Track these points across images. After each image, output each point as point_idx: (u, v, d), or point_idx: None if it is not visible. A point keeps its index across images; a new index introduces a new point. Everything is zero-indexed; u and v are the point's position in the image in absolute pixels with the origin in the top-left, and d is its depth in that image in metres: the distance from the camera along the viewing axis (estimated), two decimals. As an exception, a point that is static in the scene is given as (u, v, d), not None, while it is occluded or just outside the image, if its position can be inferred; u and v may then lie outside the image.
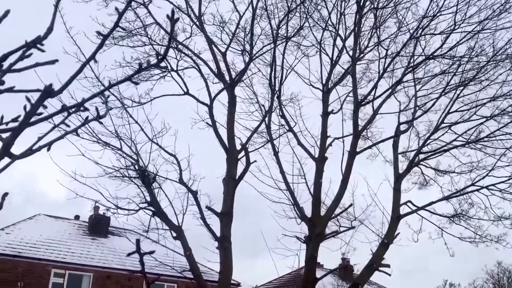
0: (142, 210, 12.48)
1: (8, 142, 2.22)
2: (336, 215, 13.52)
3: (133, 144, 12.76)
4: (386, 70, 14.89)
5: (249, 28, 14.14)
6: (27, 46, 2.27)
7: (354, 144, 14.09)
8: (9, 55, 2.19)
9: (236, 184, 12.76)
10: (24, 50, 2.27)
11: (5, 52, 2.17)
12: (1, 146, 2.22)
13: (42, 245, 21.88)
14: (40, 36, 2.28)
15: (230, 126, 13.40)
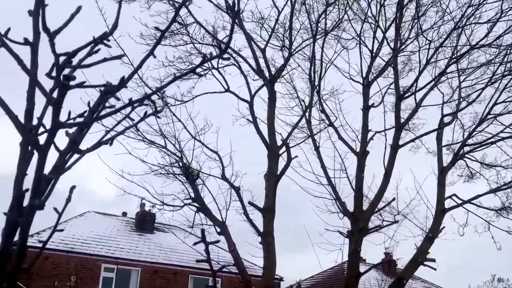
0: (186, 206, 12.78)
1: (74, 137, 2.27)
2: (379, 209, 13.42)
3: (176, 141, 13.08)
4: (429, 61, 14.61)
5: (288, 23, 14.18)
6: (94, 42, 2.31)
7: (396, 138, 13.92)
8: (78, 51, 2.25)
9: (277, 179, 12.85)
10: (92, 46, 2.32)
11: (75, 49, 2.23)
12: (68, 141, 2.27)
13: (93, 241, 22.64)
14: (106, 32, 2.33)
15: (270, 122, 13.48)
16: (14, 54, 2.18)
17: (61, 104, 2.19)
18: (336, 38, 14.96)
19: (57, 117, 2.19)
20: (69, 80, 2.16)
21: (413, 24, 14.91)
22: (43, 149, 2.23)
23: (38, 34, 2.25)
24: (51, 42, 2.19)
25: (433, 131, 14.47)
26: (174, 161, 13.18)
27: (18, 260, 2.29)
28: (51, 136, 2.23)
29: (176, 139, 13.07)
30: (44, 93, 2.21)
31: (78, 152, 2.32)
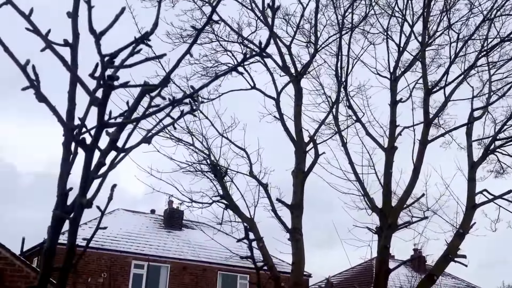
0: (215, 203, 12.89)
1: (114, 136, 2.30)
2: (408, 205, 13.31)
3: (204, 139, 13.18)
4: (458, 55, 14.39)
5: (314, 19, 14.14)
6: (136, 42, 2.33)
7: (425, 133, 13.77)
8: (120, 51, 2.28)
9: (305, 176, 12.85)
10: (134, 46, 2.34)
11: (117, 49, 2.26)
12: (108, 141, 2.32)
13: (122, 238, 23.02)
14: (147, 32, 2.36)
15: (297, 118, 13.48)
16: (59, 55, 2.23)
17: (106, 104, 2.24)
18: (362, 33, 14.87)
19: (102, 117, 2.24)
20: (113, 80, 2.20)
21: (441, 18, 14.72)
22: (90, 149, 2.28)
23: (77, 35, 2.30)
24: (97, 43, 2.23)
25: (462, 126, 14.26)
26: (202, 158, 13.30)
27: (68, 256, 2.38)
28: (97, 136, 2.28)
29: (204, 137, 13.19)
30: (88, 93, 2.25)
31: (117, 150, 2.36)
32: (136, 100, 2.42)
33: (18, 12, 2.16)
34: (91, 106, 2.32)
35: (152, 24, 2.42)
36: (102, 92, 2.22)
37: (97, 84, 2.26)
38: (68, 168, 2.37)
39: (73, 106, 2.35)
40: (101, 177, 2.35)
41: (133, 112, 2.42)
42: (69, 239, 2.37)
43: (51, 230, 2.36)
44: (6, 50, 2.18)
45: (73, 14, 2.30)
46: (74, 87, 2.35)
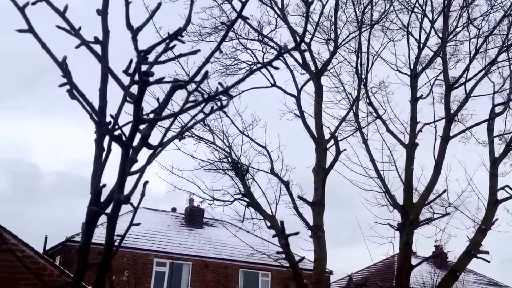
0: (237, 201, 13.00)
1: (145, 133, 2.30)
2: (430, 201, 13.30)
3: (225, 137, 13.30)
4: (479, 50, 14.32)
5: (333, 16, 14.17)
6: (169, 38, 2.33)
7: (446, 129, 13.73)
8: (154, 47, 2.28)
9: (326, 173, 12.90)
10: (167, 42, 2.34)
11: (150, 45, 2.26)
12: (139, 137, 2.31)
13: (144, 236, 23.30)
14: (180, 28, 2.34)
15: (317, 116, 13.53)
16: (93, 51, 2.26)
17: (141, 100, 2.24)
18: (382, 29, 14.86)
19: (138, 113, 2.23)
20: (149, 76, 2.20)
21: (461, 13, 14.64)
22: (126, 145, 2.28)
23: (107, 33, 2.31)
24: (134, 39, 2.23)
25: (484, 122, 14.17)
26: (223, 156, 13.42)
27: (107, 252, 2.40)
28: (133, 131, 2.26)
29: (225, 135, 13.31)
30: (123, 88, 2.27)
31: (149, 147, 2.36)
32: (167, 96, 2.43)
33: (53, 9, 2.18)
34: (125, 103, 2.34)
35: (185, 20, 2.41)
36: (138, 88, 2.23)
37: (131, 80, 2.28)
38: (101, 165, 2.41)
39: (105, 103, 2.37)
40: (138, 173, 2.37)
41: (163, 109, 2.44)
42: (107, 235, 2.38)
43: (85, 226, 2.39)
44: (44, 47, 2.21)
45: (102, 12, 2.32)
46: (105, 84, 2.37)
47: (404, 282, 12.81)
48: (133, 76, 2.28)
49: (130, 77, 2.29)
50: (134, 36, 2.26)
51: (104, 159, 2.45)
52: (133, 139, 2.31)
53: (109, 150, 2.43)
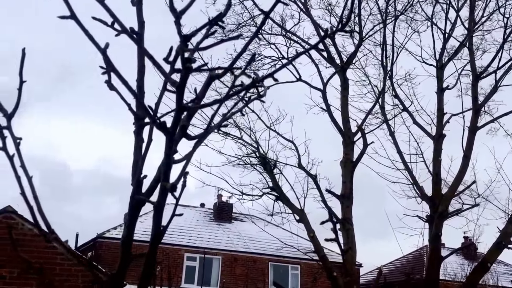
0: (265, 195, 13.17)
1: (184, 123, 2.25)
2: (459, 192, 13.23)
3: (252, 132, 13.46)
4: (507, 39, 14.12)
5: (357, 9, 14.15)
6: (210, 24, 2.24)
7: (474, 119, 13.62)
8: (195, 33, 2.19)
9: (354, 166, 12.96)
10: (208, 28, 2.26)
11: (192, 31, 2.17)
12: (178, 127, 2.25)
13: (174, 231, 23.68)
14: (221, 13, 2.24)
15: (344, 109, 13.58)
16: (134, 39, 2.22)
17: (184, 87, 2.17)
18: (406, 21, 14.78)
19: (181, 100, 2.16)
20: (192, 62, 2.13)
21: (487, 2, 14.46)
22: (171, 132, 2.21)
23: (143, 24, 2.28)
24: (177, 23, 2.15)
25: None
26: (251, 151, 13.60)
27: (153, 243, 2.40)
28: (177, 119, 2.20)
29: (251, 130, 13.47)
30: (165, 76, 2.22)
31: (188, 138, 2.31)
32: (204, 86, 2.37)
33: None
34: (165, 91, 2.32)
35: (226, 5, 2.31)
36: (181, 75, 2.16)
37: (171, 68, 2.24)
38: (142, 156, 2.40)
39: (142, 95, 2.36)
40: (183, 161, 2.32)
41: (202, 99, 2.38)
42: (154, 224, 2.36)
43: (128, 217, 2.38)
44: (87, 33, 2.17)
45: (137, 3, 2.29)
46: (142, 75, 2.36)
47: (434, 273, 12.81)
48: (173, 64, 2.23)
49: (171, 65, 2.24)
50: (178, 20, 2.16)
51: (145, 149, 2.44)
52: (177, 127, 2.24)
53: (150, 140, 2.42)
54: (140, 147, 2.45)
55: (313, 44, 2.57)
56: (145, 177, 2.40)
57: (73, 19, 2.14)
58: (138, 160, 2.44)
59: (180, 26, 2.15)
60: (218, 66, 2.42)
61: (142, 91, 2.39)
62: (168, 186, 2.26)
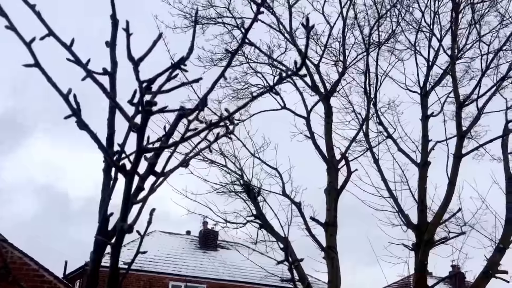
0: (249, 223, 13.01)
1: (152, 161, 2.32)
2: (445, 220, 13.12)
3: (236, 160, 13.39)
4: (489, 66, 14.25)
5: (341, 38, 14.28)
6: (172, 68, 2.35)
7: (459, 146, 13.61)
8: (157, 77, 2.30)
9: (338, 193, 12.87)
10: (170, 71, 2.36)
11: (154, 75, 2.29)
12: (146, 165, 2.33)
13: (160, 259, 23.32)
14: (183, 57, 2.36)
15: (328, 136, 13.56)
16: (99, 84, 2.30)
17: (145, 129, 2.25)
18: (390, 49, 14.91)
19: (141, 142, 2.25)
20: (152, 105, 2.22)
21: (470, 30, 14.64)
22: (130, 174, 2.28)
23: (116, 64, 2.35)
24: (135, 69, 2.26)
25: (497, 138, 14.02)
26: (235, 179, 13.49)
27: (111, 281, 2.40)
28: (136, 161, 2.27)
29: (236, 158, 13.40)
30: (127, 119, 2.31)
31: (156, 175, 2.37)
32: (172, 125, 2.45)
33: (61, 44, 2.22)
34: (130, 132, 2.37)
35: (188, 49, 2.42)
36: (141, 118, 2.25)
37: (136, 110, 2.31)
38: (108, 194, 2.43)
39: (113, 132, 2.41)
40: (141, 202, 2.36)
41: (170, 137, 2.45)
42: (111, 264, 2.38)
43: (93, 255, 2.42)
44: (50, 81, 2.24)
45: (111, 43, 2.35)
46: (113, 114, 2.42)
47: (421, 303, 12.61)
48: (137, 106, 2.30)
49: (135, 107, 2.31)
50: (136, 67, 2.28)
51: (111, 187, 2.47)
52: (137, 168, 2.31)
53: (115, 179, 2.45)
54: (108, 185, 2.48)
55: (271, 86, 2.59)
56: (111, 215, 2.43)
57: (37, 67, 2.22)
58: (105, 197, 2.46)
59: (138, 72, 2.26)
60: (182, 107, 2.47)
61: (112, 128, 2.43)
62: (125, 227, 2.30)
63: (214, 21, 14.58)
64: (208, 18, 14.51)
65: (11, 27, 2.16)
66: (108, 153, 2.38)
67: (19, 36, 2.17)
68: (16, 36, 2.17)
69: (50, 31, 2.21)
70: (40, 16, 2.17)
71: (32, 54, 2.19)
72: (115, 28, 2.32)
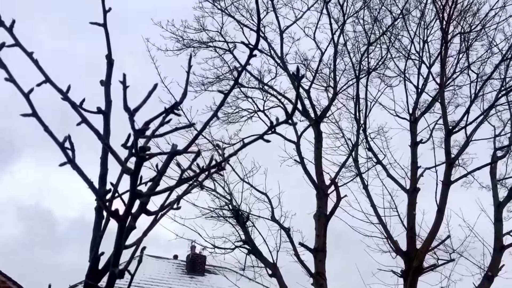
0: (237, 248, 12.87)
1: (144, 200, 2.35)
2: (433, 247, 13.07)
3: (226, 184, 13.30)
4: (478, 94, 14.41)
5: (332, 64, 14.40)
6: (166, 112, 2.40)
7: (448, 173, 13.65)
8: (150, 121, 2.35)
9: (327, 219, 12.81)
10: (164, 116, 2.41)
11: (147, 120, 2.34)
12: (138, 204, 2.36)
13: (146, 283, 22.91)
14: (177, 102, 2.44)
15: (317, 162, 13.55)
16: (94, 129, 2.32)
17: (138, 174, 2.27)
18: (379, 76, 15.06)
19: (135, 187, 2.26)
20: (145, 151, 2.25)
21: (458, 58, 14.84)
22: (123, 220, 2.29)
23: (110, 103, 2.39)
24: (131, 119, 2.30)
25: (485, 166, 14.10)
26: (224, 204, 13.38)
27: None
28: (130, 206, 2.29)
29: (225, 182, 13.32)
30: (120, 163, 2.33)
31: (148, 214, 2.41)
32: (164, 164, 2.49)
33: (57, 90, 2.26)
34: (123, 174, 2.38)
35: (182, 94, 2.49)
36: (135, 163, 2.27)
37: (129, 153, 2.33)
38: (100, 235, 2.43)
39: (105, 171, 2.43)
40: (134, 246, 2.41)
41: (162, 175, 2.48)
42: None
43: None
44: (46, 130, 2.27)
45: (106, 82, 2.40)
46: (106, 154, 2.44)
47: (410, 331, 12.46)
48: (131, 149, 2.34)
49: (129, 150, 2.34)
50: (131, 117, 2.32)
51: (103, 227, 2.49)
52: (130, 213, 2.32)
53: (107, 220, 2.47)
54: (100, 223, 2.49)
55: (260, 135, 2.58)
56: (102, 254, 2.44)
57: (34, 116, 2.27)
58: (96, 236, 2.47)
59: (133, 121, 2.32)
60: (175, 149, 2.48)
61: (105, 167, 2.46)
62: (116, 272, 2.32)
63: (206, 45, 14.67)
64: (200, 42, 14.59)
65: (10, 79, 2.19)
66: (101, 198, 2.38)
67: (18, 87, 2.19)
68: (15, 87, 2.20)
69: (47, 78, 2.24)
70: (38, 63, 2.21)
71: (30, 105, 2.22)
72: (110, 68, 2.37)
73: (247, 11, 14.45)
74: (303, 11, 14.44)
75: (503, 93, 14.46)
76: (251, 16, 14.42)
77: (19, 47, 2.17)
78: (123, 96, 2.32)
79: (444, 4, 14.57)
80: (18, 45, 2.17)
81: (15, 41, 2.16)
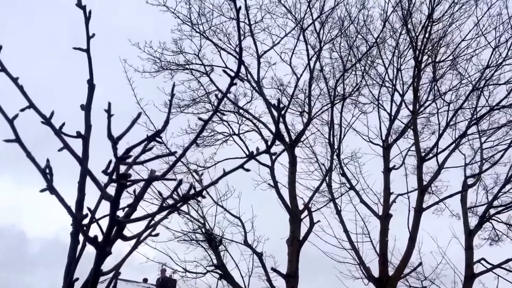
0: (209, 273, 12.66)
1: (121, 225, 2.34)
2: (405, 274, 13.11)
3: (199, 207, 13.12)
4: (449, 123, 14.66)
5: (307, 89, 14.51)
6: (148, 140, 2.42)
7: (420, 200, 13.78)
8: (132, 148, 2.34)
9: (300, 244, 12.73)
10: (146, 143, 2.43)
11: (128, 147, 2.33)
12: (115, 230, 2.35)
13: (113, 308, 22.36)
14: (159, 130, 2.46)
15: (291, 186, 13.52)
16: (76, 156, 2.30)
17: (118, 201, 2.27)
18: (354, 102, 15.23)
19: (114, 213, 2.26)
20: (127, 178, 2.25)
21: (431, 87, 15.12)
22: (102, 247, 2.30)
23: (89, 128, 2.38)
24: (114, 147, 2.29)
25: (456, 194, 14.28)
26: (197, 227, 13.19)
27: None
28: (109, 233, 2.29)
29: (199, 205, 13.14)
30: (100, 190, 2.31)
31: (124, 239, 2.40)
32: (142, 190, 2.50)
33: (40, 116, 2.24)
34: (102, 200, 2.36)
35: (164, 122, 2.52)
36: (115, 190, 2.26)
37: (109, 179, 2.31)
38: (76, 258, 2.40)
39: (83, 196, 2.41)
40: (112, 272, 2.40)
41: (139, 200, 2.47)
42: None
43: None
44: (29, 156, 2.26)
45: (86, 107, 2.39)
46: (84, 179, 2.41)
47: None
48: (111, 175, 2.33)
49: (109, 177, 2.34)
50: (114, 145, 2.33)
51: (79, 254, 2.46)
52: (109, 239, 2.31)
53: (83, 245, 2.45)
54: (75, 248, 2.46)
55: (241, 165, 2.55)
56: (76, 280, 2.42)
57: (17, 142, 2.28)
58: (72, 262, 2.44)
59: (116, 149, 2.33)
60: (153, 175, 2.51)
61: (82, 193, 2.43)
62: None
63: (183, 67, 14.64)
64: (177, 64, 14.57)
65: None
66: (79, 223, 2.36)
67: (3, 114, 2.20)
68: (0, 113, 2.19)
69: (31, 103, 2.23)
70: (23, 89, 2.21)
71: (14, 131, 2.23)
72: (91, 92, 2.38)
73: (225, 35, 14.53)
74: (281, 37, 14.59)
75: (473, 122, 14.76)
76: (228, 40, 14.51)
77: (5, 73, 2.14)
78: (107, 124, 2.31)
79: (417, 34, 14.90)
80: (4, 70, 2.13)
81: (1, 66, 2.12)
